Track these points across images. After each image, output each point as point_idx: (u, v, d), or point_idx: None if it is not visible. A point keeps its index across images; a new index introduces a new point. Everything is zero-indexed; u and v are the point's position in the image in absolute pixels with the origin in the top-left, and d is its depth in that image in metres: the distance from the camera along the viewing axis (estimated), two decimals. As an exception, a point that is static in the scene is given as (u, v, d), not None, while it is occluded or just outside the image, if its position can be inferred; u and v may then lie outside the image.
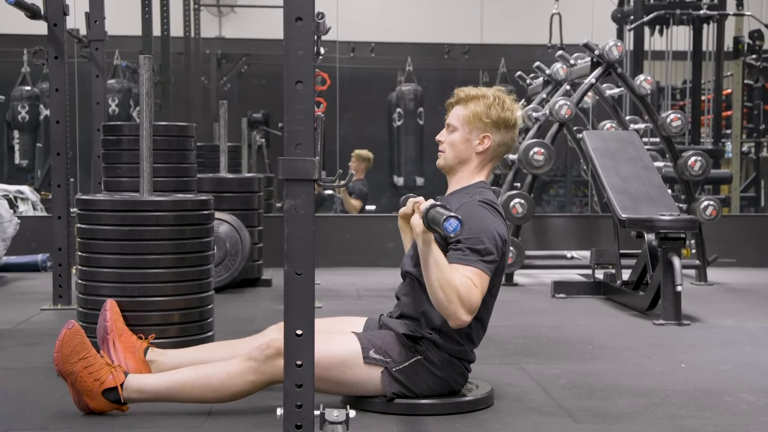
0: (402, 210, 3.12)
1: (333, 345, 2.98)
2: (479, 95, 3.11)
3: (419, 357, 3.01)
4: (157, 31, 9.75)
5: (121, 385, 2.93)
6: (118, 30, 7.32)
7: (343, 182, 2.76)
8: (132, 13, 9.27)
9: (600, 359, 4.08)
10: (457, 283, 2.83)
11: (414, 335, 3.02)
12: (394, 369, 2.99)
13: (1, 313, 5.17)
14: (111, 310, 3.32)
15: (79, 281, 3.67)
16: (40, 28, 5.34)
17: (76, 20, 6.05)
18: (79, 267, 3.67)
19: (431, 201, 2.84)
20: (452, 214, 2.67)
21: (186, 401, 3.00)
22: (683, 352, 4.24)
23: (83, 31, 6.01)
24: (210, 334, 3.75)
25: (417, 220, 2.85)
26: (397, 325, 3.07)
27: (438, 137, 3.17)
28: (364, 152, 9.77)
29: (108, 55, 6.26)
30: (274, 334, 3.05)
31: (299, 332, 2.41)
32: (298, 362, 2.41)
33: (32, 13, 5.19)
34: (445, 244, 2.95)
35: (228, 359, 3.02)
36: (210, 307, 3.77)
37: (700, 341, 4.52)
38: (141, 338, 3.26)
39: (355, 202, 9.39)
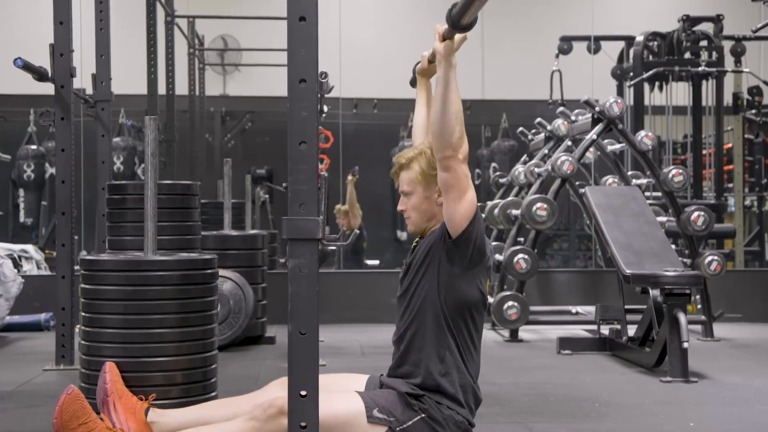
0: (418, 66, 3.14)
1: (336, 404, 2.96)
2: (416, 154, 3.15)
3: (423, 415, 2.99)
4: (162, 89, 9.84)
5: (123, 448, 2.90)
6: (124, 89, 7.37)
7: (347, 242, 2.77)
8: (138, 72, 9.36)
9: (607, 418, 4.04)
10: (461, 121, 2.85)
11: (416, 393, 3.01)
12: (398, 429, 2.96)
13: (3, 374, 5.14)
14: (110, 372, 3.30)
15: (83, 342, 3.66)
16: (46, 88, 5.39)
17: (82, 80, 6.11)
18: (83, 327, 3.66)
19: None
20: None
21: (189, 464, 2.97)
22: (692, 411, 4.21)
23: (89, 90, 6.07)
24: (213, 394, 3.73)
25: (438, 44, 2.86)
26: (399, 384, 3.05)
27: (399, 207, 3.19)
28: (344, 207, 9.85)
29: (113, 113, 6.30)
30: (276, 390, 3.04)
31: (303, 393, 2.40)
32: (303, 423, 2.40)
33: (40, 76, 5.24)
34: (443, 246, 2.99)
35: (230, 418, 3.00)
36: (213, 366, 3.75)
37: (708, 399, 4.49)
38: (141, 399, 3.24)
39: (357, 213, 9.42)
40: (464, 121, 2.88)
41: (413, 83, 3.36)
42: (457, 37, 2.82)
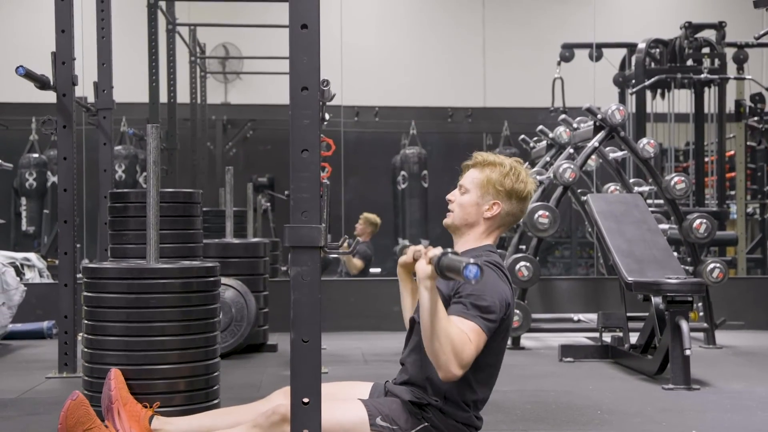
0: (402, 258, 3.05)
1: (339, 412, 2.95)
2: (496, 162, 3.11)
3: (426, 424, 2.98)
4: (164, 98, 9.86)
5: (127, 455, 2.91)
6: (125, 97, 7.40)
7: (349, 250, 2.76)
8: (139, 80, 9.38)
9: (609, 425, 4.04)
10: (453, 335, 2.76)
11: (420, 402, 3.00)
12: (401, 437, 2.96)
13: (6, 382, 5.15)
14: (115, 379, 3.31)
15: (85, 349, 3.66)
16: (48, 96, 5.40)
17: (84, 88, 6.12)
18: (85, 335, 3.66)
19: (440, 248, 2.76)
20: (472, 261, 2.53)
21: (192, 471, 2.97)
22: (693, 418, 4.20)
23: (91, 99, 6.08)
24: (216, 401, 3.73)
25: (423, 266, 2.76)
26: (403, 392, 3.04)
27: (449, 196, 3.16)
28: (372, 216, 9.81)
29: (115, 122, 6.32)
30: (279, 400, 3.03)
31: (306, 400, 2.40)
32: (305, 431, 2.40)
33: (42, 84, 5.25)
34: (447, 299, 2.93)
35: (233, 426, 3.00)
36: (216, 374, 3.75)
37: (710, 406, 4.48)
38: (146, 407, 3.25)
39: (357, 263, 9.40)
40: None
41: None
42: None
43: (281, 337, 6.46)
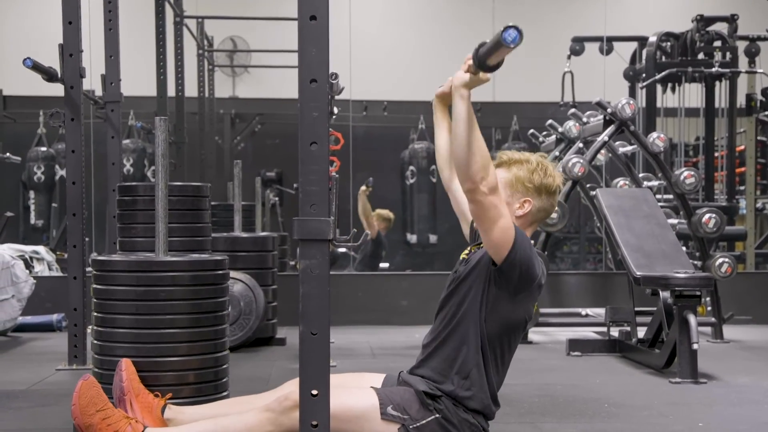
0: (439, 90, 3.13)
1: (351, 398, 2.96)
2: (522, 159, 3.11)
3: (437, 415, 2.99)
4: (171, 91, 9.86)
5: (141, 437, 2.95)
6: (133, 91, 7.39)
7: (357, 243, 2.76)
8: (147, 74, 9.39)
9: (616, 418, 4.04)
10: (486, 153, 2.76)
11: (433, 393, 3.01)
12: (411, 426, 2.96)
13: (16, 374, 5.17)
14: (126, 370, 3.32)
15: (95, 341, 3.67)
16: (56, 89, 5.41)
17: (92, 81, 6.13)
18: (95, 327, 3.68)
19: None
20: (509, 23, 2.39)
21: (204, 454, 3.00)
22: (700, 411, 4.20)
23: (99, 92, 6.09)
24: (225, 394, 3.74)
25: (460, 74, 2.77)
26: (417, 382, 3.05)
27: None
28: (385, 212, 9.82)
29: (123, 115, 6.32)
30: (292, 388, 3.05)
31: (315, 392, 2.41)
32: (314, 422, 2.40)
33: (49, 76, 5.25)
34: (487, 265, 2.93)
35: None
36: (225, 367, 3.76)
37: (717, 400, 4.48)
38: (157, 396, 3.27)
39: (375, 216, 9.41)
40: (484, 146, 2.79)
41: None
42: (481, 75, 2.76)
43: (290, 330, 6.48)
